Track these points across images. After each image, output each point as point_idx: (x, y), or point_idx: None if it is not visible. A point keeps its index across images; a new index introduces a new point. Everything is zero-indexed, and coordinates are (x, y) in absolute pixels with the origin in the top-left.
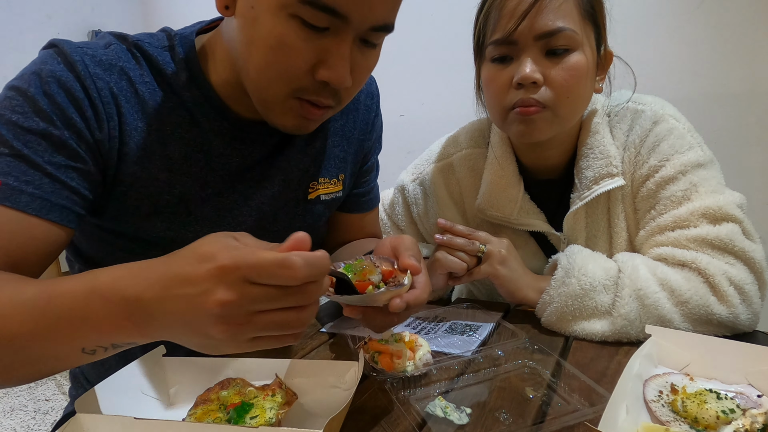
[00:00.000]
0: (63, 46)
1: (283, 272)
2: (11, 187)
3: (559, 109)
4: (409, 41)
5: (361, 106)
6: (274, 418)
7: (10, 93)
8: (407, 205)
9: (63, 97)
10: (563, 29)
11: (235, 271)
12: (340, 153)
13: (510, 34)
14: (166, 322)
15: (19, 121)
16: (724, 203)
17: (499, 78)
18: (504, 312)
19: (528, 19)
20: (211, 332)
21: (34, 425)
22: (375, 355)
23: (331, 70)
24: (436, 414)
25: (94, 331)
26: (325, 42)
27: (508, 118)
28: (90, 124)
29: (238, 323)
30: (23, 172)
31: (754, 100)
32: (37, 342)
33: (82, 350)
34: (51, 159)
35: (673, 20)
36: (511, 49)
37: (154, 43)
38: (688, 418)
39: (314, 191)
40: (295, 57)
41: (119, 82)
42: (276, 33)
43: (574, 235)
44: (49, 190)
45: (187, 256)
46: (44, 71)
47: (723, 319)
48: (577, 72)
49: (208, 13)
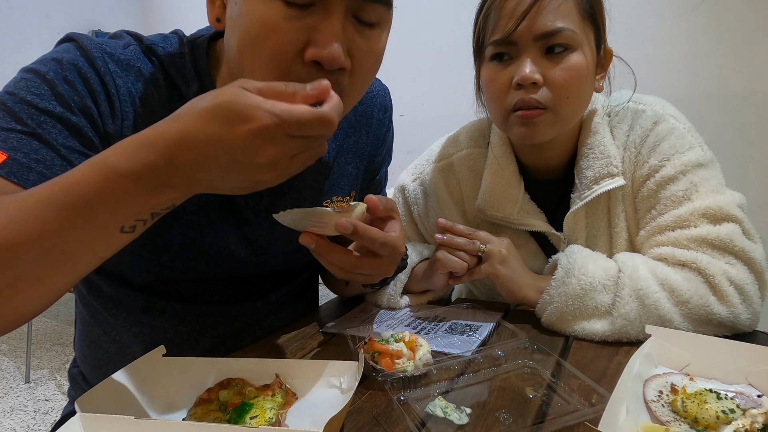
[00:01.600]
0: (82, 40)
1: (322, 128)
2: (20, 162)
3: (560, 110)
4: (409, 41)
5: (374, 122)
6: (274, 418)
7: (27, 75)
8: (407, 205)
9: (82, 86)
10: (563, 29)
11: (277, 129)
12: (353, 170)
13: (509, 34)
14: (207, 177)
15: (34, 101)
16: (725, 203)
17: (499, 78)
18: (504, 312)
19: (527, 20)
20: (259, 178)
21: (34, 425)
22: (375, 355)
23: (320, 47)
24: (436, 414)
25: (132, 207)
26: (311, 20)
27: (510, 120)
28: (104, 117)
29: (283, 167)
30: (34, 150)
31: (754, 100)
32: (69, 234)
33: (121, 230)
34: (65, 143)
35: (673, 20)
36: (511, 49)
37: (167, 48)
38: (688, 418)
39: None
40: (282, 41)
41: (136, 84)
42: (258, 17)
43: (574, 235)
44: (59, 171)
45: (213, 117)
46: (65, 59)
47: (723, 319)
48: (577, 72)
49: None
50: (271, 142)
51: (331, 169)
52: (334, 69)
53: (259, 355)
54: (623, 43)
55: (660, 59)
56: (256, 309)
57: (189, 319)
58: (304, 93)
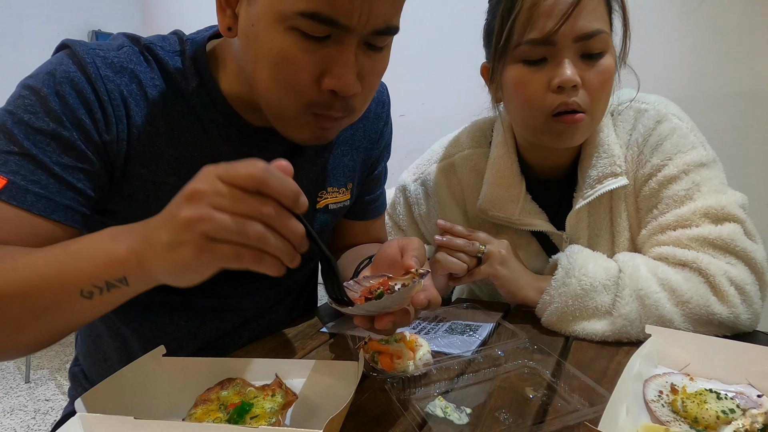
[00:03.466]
0: (75, 47)
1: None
2: (18, 186)
3: (595, 113)
4: (409, 41)
5: (371, 115)
6: (274, 418)
7: (24, 92)
8: (409, 206)
9: (74, 98)
10: (600, 31)
11: (209, 171)
12: (349, 162)
13: (551, 34)
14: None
15: (30, 120)
16: (727, 203)
17: (534, 81)
18: (504, 312)
19: (569, 21)
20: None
21: (34, 425)
22: (375, 355)
23: (336, 78)
24: (436, 414)
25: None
26: (327, 51)
27: (547, 125)
28: (99, 125)
29: (202, 212)
30: (30, 171)
31: (754, 100)
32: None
33: (81, 293)
34: (59, 160)
35: (673, 20)
36: (548, 50)
37: (166, 47)
38: (688, 418)
39: (322, 200)
40: (300, 70)
41: (129, 85)
42: (277, 48)
43: (576, 235)
44: (54, 190)
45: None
46: (58, 72)
47: (723, 319)
48: (609, 75)
49: (207, 14)
50: (200, 179)
51: (327, 161)
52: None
53: (259, 355)
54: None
55: (660, 59)
56: (255, 304)
57: (188, 313)
58: None
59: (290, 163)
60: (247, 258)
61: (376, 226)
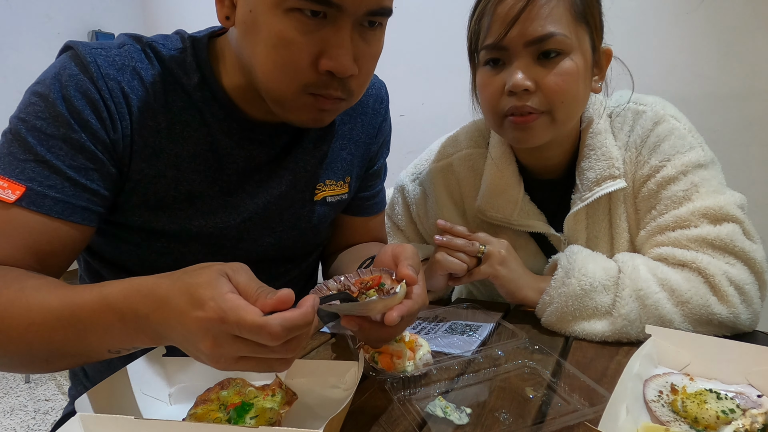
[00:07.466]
0: (77, 47)
1: (262, 337)
2: (36, 192)
3: (556, 114)
4: (409, 41)
5: (369, 110)
6: (274, 418)
7: (33, 98)
8: (407, 205)
9: (80, 99)
10: (554, 34)
11: (220, 326)
12: (347, 156)
13: (501, 39)
14: (172, 339)
15: (42, 127)
16: (725, 203)
17: (492, 83)
18: (504, 312)
19: (518, 25)
20: (204, 362)
21: (34, 425)
22: (375, 355)
23: (332, 59)
24: (436, 414)
25: (115, 339)
26: (324, 33)
27: (504, 125)
28: (105, 124)
29: (225, 363)
30: (46, 177)
31: (754, 100)
32: (70, 344)
33: (108, 351)
34: (72, 163)
35: (673, 20)
36: (503, 55)
37: (168, 45)
38: (688, 418)
39: (320, 192)
40: (297, 51)
41: (131, 82)
42: (276, 30)
43: (574, 236)
44: (70, 193)
45: (184, 292)
46: (64, 75)
47: (723, 319)
48: (569, 77)
49: (207, 14)
50: (213, 335)
51: (326, 154)
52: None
53: None
54: (622, 43)
55: (660, 59)
56: None
57: None
58: (263, 300)
59: (291, 291)
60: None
61: (376, 223)
